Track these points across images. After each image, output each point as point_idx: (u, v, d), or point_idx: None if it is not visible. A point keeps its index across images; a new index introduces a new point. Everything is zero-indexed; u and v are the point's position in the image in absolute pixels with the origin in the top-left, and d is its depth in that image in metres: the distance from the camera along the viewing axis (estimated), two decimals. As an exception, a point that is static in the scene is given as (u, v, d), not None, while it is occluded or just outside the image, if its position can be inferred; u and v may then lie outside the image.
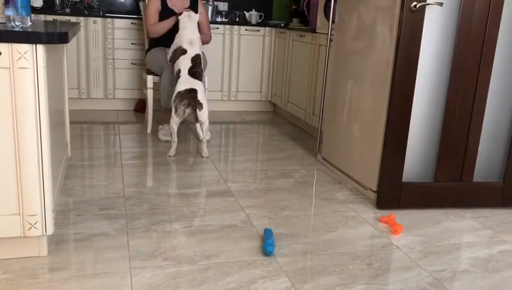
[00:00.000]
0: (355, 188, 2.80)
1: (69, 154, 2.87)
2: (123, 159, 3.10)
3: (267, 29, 4.75)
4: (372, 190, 2.61)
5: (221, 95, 4.78)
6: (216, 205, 2.45)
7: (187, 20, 3.44)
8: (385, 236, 2.21)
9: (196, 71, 3.28)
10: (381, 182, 2.48)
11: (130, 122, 4.14)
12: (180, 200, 2.48)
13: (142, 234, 2.07)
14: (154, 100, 3.84)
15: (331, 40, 3.15)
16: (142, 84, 4.12)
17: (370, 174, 2.61)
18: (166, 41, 3.56)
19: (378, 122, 2.52)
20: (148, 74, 3.76)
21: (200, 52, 3.40)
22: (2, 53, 1.57)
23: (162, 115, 3.66)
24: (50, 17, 4.18)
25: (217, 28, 4.57)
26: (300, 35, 4.13)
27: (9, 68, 1.59)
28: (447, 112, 2.45)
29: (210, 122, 3.55)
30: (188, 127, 4.02)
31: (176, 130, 3.21)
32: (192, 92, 3.15)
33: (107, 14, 4.39)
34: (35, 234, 1.76)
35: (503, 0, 2.34)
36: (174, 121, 3.17)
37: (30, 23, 1.77)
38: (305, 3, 4.59)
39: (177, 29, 3.46)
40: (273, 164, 3.20)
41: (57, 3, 4.58)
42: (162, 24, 3.62)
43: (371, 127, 2.61)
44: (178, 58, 3.32)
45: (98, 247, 1.94)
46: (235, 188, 2.70)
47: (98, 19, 4.32)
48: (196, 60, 3.32)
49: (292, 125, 4.42)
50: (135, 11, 4.74)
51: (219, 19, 4.85)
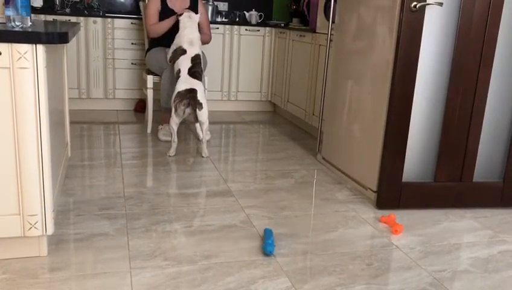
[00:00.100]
0: (355, 188, 2.80)
1: (69, 154, 2.87)
2: (123, 159, 3.10)
3: (267, 29, 4.75)
4: (372, 190, 2.61)
5: (221, 95, 4.78)
6: (216, 205, 2.46)
7: (187, 21, 3.44)
8: (385, 236, 2.21)
9: (196, 71, 3.28)
10: (381, 182, 2.48)
11: (130, 122, 4.14)
12: (180, 200, 2.48)
13: (142, 234, 2.07)
14: (154, 100, 3.83)
15: (331, 40, 3.15)
16: (142, 84, 4.12)
17: (370, 174, 2.61)
18: (166, 41, 3.56)
19: (378, 122, 2.52)
20: (148, 74, 3.76)
21: (200, 52, 3.40)
22: (2, 53, 1.57)
23: (162, 115, 3.67)
24: (50, 17, 4.18)
25: (217, 28, 4.57)
26: (300, 35, 4.13)
27: (9, 68, 1.59)
28: (447, 111, 2.45)
29: (210, 122, 3.55)
30: (188, 127, 4.02)
31: (176, 130, 3.21)
32: (192, 92, 3.15)
33: (107, 14, 4.39)
34: (35, 234, 1.76)
35: (503, 0, 2.34)
36: (174, 121, 3.17)
37: (30, 23, 1.77)
38: (305, 3, 4.59)
39: (177, 29, 3.46)
40: (273, 164, 3.20)
41: (57, 3, 4.58)
42: (162, 24, 3.62)
43: (371, 127, 2.61)
44: (178, 58, 3.33)
45: (98, 247, 1.94)
46: (235, 188, 2.70)
47: (98, 19, 4.32)
48: (196, 60, 3.32)
49: (292, 125, 4.42)
50: (135, 11, 4.74)
51: (219, 19, 4.85)
